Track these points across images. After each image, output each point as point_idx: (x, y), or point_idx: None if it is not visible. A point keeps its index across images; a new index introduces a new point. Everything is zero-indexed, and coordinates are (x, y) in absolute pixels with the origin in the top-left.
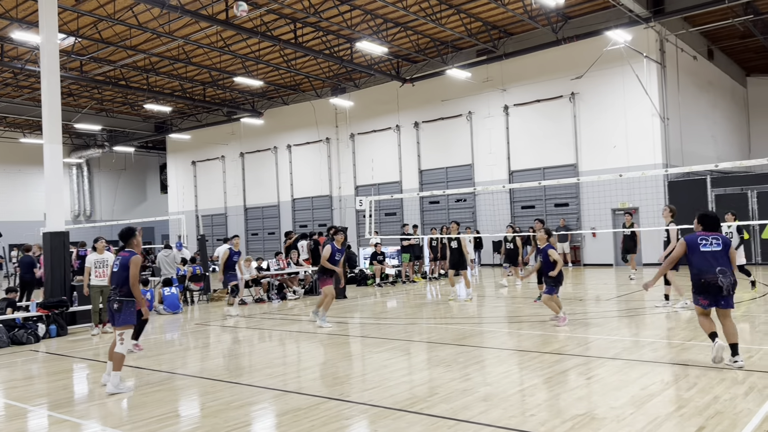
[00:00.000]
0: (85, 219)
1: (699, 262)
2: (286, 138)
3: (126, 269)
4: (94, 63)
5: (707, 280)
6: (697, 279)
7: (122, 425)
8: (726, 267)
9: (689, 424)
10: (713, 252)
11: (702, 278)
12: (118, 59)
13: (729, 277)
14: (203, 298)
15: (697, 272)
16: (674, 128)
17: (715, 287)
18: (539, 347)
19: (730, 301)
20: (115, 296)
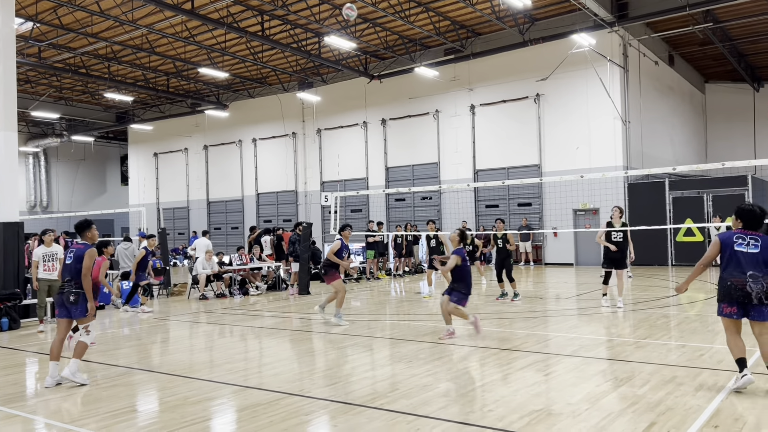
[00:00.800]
0: (41, 210)
1: (729, 262)
2: (252, 131)
3: (80, 261)
4: (53, 49)
5: (734, 284)
6: (724, 282)
7: (76, 421)
8: (760, 272)
9: (641, 420)
10: (750, 254)
11: (728, 281)
12: (78, 46)
13: (761, 282)
14: (163, 292)
15: (724, 275)
16: (635, 131)
17: (743, 293)
18: (499, 344)
19: (765, 312)
20: (70, 288)
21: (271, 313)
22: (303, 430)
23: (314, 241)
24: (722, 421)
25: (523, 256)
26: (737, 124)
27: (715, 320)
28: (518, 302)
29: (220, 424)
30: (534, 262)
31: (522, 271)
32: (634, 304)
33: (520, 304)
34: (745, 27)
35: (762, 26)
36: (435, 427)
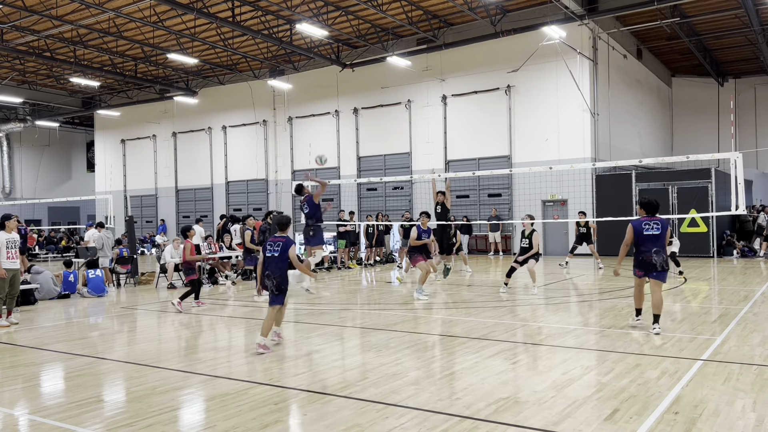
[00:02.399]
0: (4, 196)
1: (640, 242)
2: (222, 119)
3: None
4: (16, 32)
5: (644, 258)
6: (638, 256)
7: (39, 410)
8: (661, 248)
9: (605, 406)
10: (654, 235)
11: (641, 256)
12: (42, 29)
13: (662, 255)
14: (130, 281)
15: (639, 251)
16: (603, 124)
17: (650, 264)
18: (468, 333)
19: (663, 275)
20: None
21: (240, 302)
22: (273, 419)
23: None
24: (682, 408)
25: (492, 246)
26: (702, 117)
27: (675, 310)
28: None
29: (189, 414)
30: (503, 252)
31: (491, 261)
32: (600, 293)
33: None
34: (711, 22)
35: (727, 22)
36: (403, 415)
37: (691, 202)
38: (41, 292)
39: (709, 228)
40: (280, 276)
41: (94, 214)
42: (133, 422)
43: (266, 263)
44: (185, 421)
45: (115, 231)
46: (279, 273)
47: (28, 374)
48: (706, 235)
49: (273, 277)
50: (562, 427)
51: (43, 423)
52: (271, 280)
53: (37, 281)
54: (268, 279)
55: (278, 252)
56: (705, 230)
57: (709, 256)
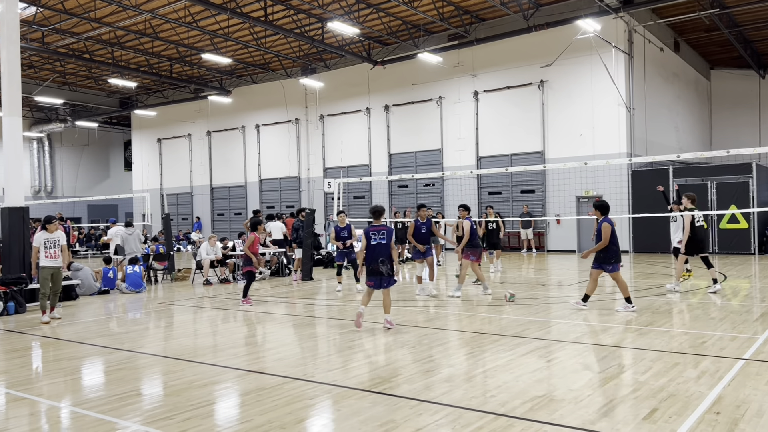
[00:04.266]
0: (46, 195)
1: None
2: (255, 117)
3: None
4: (56, 35)
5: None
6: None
7: (82, 403)
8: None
9: (643, 406)
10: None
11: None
12: (81, 31)
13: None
14: (167, 278)
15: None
16: (639, 118)
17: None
18: (501, 330)
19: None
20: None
21: (274, 298)
22: (307, 413)
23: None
24: (724, 408)
25: (525, 243)
26: (742, 111)
27: (715, 309)
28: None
29: (226, 408)
30: (536, 249)
31: (524, 258)
32: (637, 291)
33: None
34: (752, 13)
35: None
36: (437, 412)
37: (731, 198)
38: (82, 287)
39: (750, 224)
40: (391, 260)
41: (131, 212)
42: (172, 415)
43: (375, 251)
44: (222, 415)
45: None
46: (390, 257)
47: (70, 368)
48: (746, 231)
49: (387, 262)
50: (599, 426)
51: (85, 415)
52: (386, 264)
53: (78, 277)
54: (382, 264)
55: (385, 239)
56: (746, 227)
57: (750, 253)
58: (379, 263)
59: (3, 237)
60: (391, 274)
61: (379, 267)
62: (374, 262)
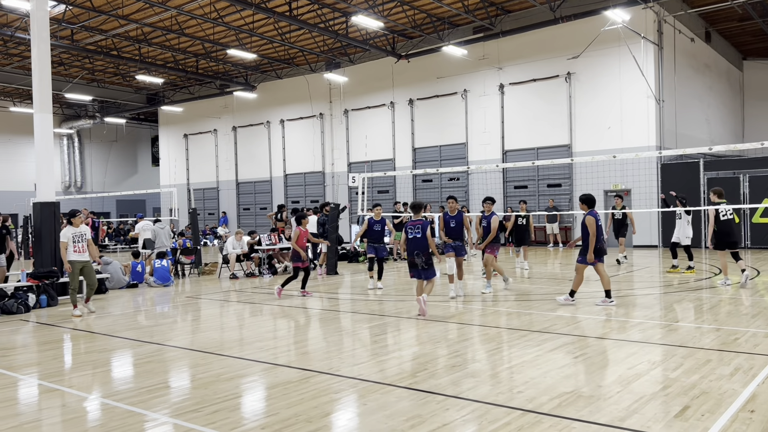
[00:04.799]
0: (75, 190)
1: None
2: (280, 112)
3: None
4: (85, 32)
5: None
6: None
7: (112, 395)
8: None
9: (674, 403)
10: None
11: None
12: (109, 28)
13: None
14: (194, 272)
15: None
16: (669, 110)
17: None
18: (528, 326)
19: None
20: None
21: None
22: (333, 407)
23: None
24: (759, 406)
25: (551, 237)
26: None
27: (747, 305)
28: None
29: (253, 401)
30: (563, 243)
31: (550, 252)
32: (666, 286)
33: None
34: None
35: None
36: (464, 408)
37: (764, 191)
38: (111, 281)
39: None
40: (427, 253)
41: (159, 207)
42: (200, 408)
43: (411, 244)
44: (249, 408)
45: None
46: (426, 250)
47: (100, 360)
48: None
49: (422, 254)
50: (629, 423)
51: (116, 407)
52: (420, 257)
53: (107, 271)
54: (417, 257)
55: (420, 233)
56: None
57: None
58: (414, 256)
59: (35, 231)
60: (425, 266)
61: (415, 259)
62: (410, 254)
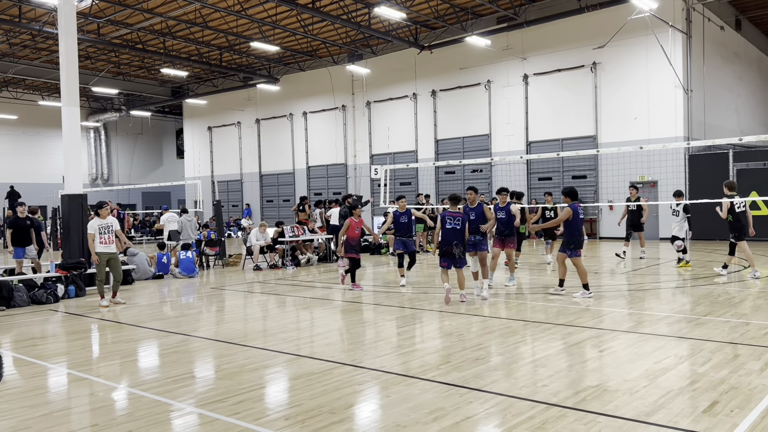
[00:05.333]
0: (102, 182)
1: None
2: (302, 105)
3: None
4: (111, 26)
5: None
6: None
7: (139, 385)
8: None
9: (703, 398)
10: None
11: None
12: (135, 22)
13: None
14: (218, 263)
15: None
16: (697, 100)
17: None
18: (552, 319)
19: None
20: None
21: (322, 284)
22: (356, 399)
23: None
24: None
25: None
26: None
27: None
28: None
29: (277, 392)
30: (587, 236)
31: None
32: (694, 279)
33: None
34: None
35: None
36: (488, 401)
37: None
38: (138, 272)
39: None
40: (464, 244)
41: (184, 199)
42: (225, 398)
43: (450, 234)
44: (273, 398)
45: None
46: (464, 241)
47: (127, 350)
48: None
49: (460, 244)
50: (655, 418)
51: (142, 396)
52: (459, 247)
53: (134, 262)
54: (456, 247)
55: (459, 225)
56: None
57: None
58: (453, 246)
59: (63, 223)
60: (462, 256)
61: (453, 249)
62: (448, 244)
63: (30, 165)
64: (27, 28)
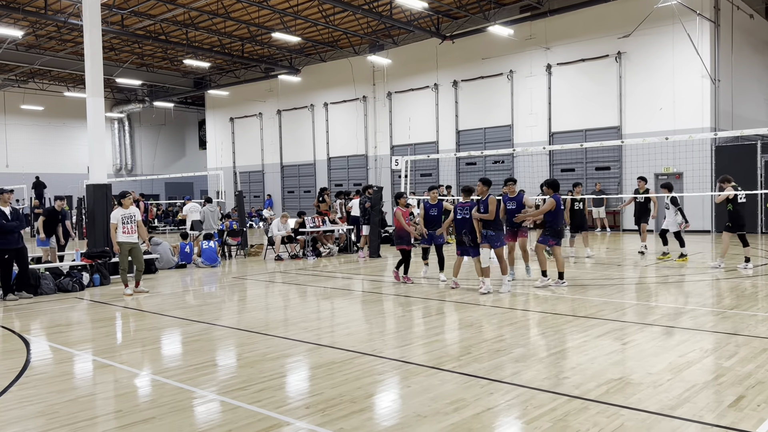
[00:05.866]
0: (126, 173)
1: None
2: (323, 96)
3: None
4: (134, 17)
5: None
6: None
7: (162, 372)
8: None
9: (728, 392)
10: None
11: (559, 226)
12: (158, 13)
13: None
14: (240, 253)
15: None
16: (725, 90)
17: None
18: (574, 311)
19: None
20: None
21: (343, 274)
22: (377, 388)
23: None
24: None
25: (597, 222)
26: None
27: None
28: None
29: (298, 380)
30: (609, 228)
31: (597, 237)
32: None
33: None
34: None
35: None
36: (509, 392)
37: None
38: (161, 261)
39: None
40: (474, 233)
41: (206, 189)
42: (246, 386)
43: (460, 225)
44: (294, 387)
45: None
46: (473, 230)
47: (150, 338)
48: None
49: (469, 233)
50: (680, 412)
51: (165, 383)
52: (467, 236)
53: (157, 252)
54: (465, 236)
55: (468, 214)
56: None
57: None
58: (462, 234)
59: (88, 212)
60: (473, 244)
61: (462, 237)
62: (458, 233)
63: (55, 155)
64: (52, 19)
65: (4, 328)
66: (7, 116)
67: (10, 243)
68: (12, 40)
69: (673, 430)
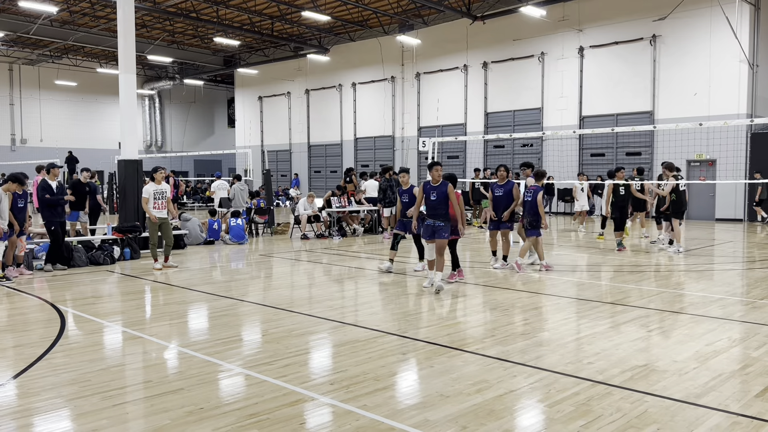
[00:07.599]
0: (156, 149)
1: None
2: (351, 76)
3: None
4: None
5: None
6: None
7: (190, 345)
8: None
9: (755, 383)
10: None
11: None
12: None
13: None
14: (267, 231)
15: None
16: (763, 76)
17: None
18: (600, 297)
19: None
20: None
21: (367, 255)
22: (400, 367)
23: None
24: None
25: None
26: None
27: None
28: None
29: (322, 357)
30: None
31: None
32: (751, 262)
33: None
34: None
35: None
36: (532, 375)
37: None
38: (190, 237)
39: None
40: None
41: (234, 167)
42: (272, 361)
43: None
44: (318, 363)
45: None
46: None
47: (179, 311)
48: None
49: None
50: (705, 401)
51: (193, 356)
52: (526, 217)
53: (186, 228)
54: (524, 217)
55: (531, 197)
56: None
57: None
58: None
59: (119, 187)
60: (530, 227)
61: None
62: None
63: (88, 131)
64: None
65: (39, 298)
66: (42, 91)
67: (58, 215)
68: (47, 15)
69: (697, 418)
